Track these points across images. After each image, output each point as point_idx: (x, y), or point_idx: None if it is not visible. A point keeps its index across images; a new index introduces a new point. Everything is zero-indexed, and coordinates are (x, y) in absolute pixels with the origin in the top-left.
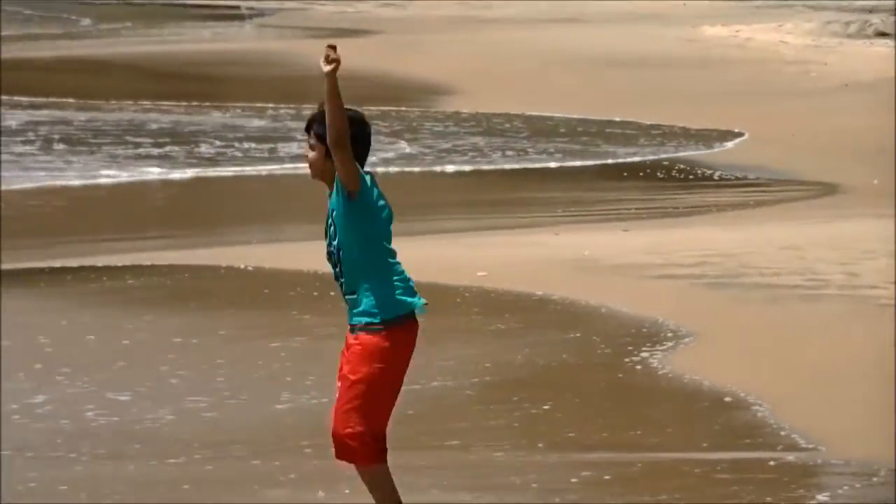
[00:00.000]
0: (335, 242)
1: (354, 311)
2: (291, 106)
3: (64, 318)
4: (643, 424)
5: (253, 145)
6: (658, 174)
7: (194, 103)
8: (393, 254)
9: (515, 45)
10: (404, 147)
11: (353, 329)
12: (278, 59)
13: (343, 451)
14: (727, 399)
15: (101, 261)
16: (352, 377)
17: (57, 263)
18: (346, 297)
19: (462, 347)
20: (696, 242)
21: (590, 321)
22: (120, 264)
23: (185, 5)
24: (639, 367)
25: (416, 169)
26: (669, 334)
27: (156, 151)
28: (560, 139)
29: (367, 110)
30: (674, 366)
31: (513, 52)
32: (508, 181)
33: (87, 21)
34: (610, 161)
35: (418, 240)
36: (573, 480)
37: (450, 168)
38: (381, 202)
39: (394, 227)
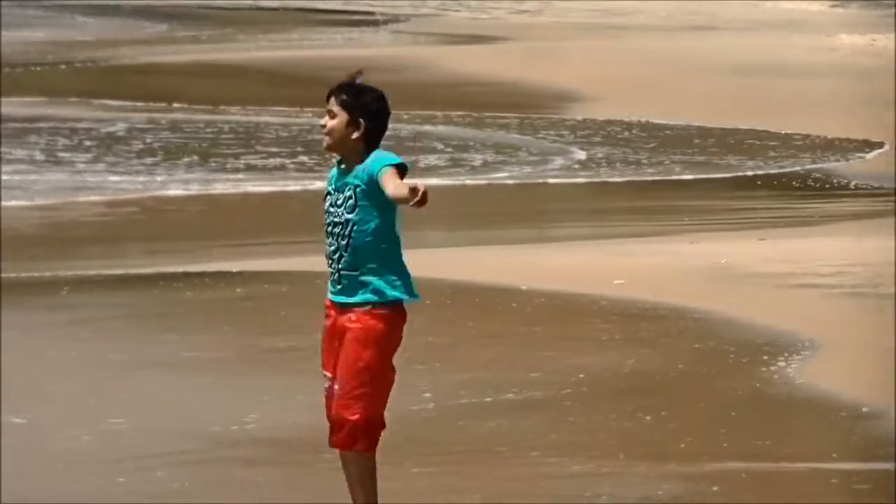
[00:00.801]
0: (349, 216)
1: (356, 290)
2: (425, 112)
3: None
4: (778, 434)
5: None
6: (794, 183)
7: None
8: (401, 243)
9: (647, 52)
10: (535, 155)
11: (347, 307)
12: (412, 64)
13: (346, 438)
14: (864, 409)
15: (237, 266)
16: (359, 363)
17: (194, 268)
18: (343, 272)
19: (596, 355)
20: (832, 252)
21: (725, 330)
22: (263, 269)
23: (318, 10)
24: (775, 376)
25: (553, 179)
26: (805, 344)
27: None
28: (693, 147)
29: (496, 117)
30: (809, 376)
31: (644, 60)
32: (643, 189)
33: (218, 25)
34: (745, 171)
35: (555, 247)
36: (714, 489)
37: (581, 177)
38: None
39: (533, 233)
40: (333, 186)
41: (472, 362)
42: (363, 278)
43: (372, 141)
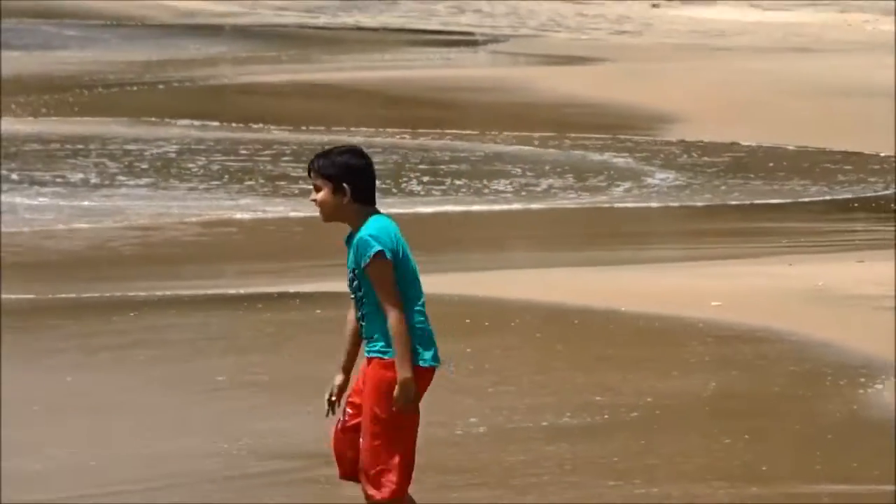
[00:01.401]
0: (358, 293)
1: (371, 346)
2: (523, 133)
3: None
4: (874, 458)
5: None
6: (892, 206)
7: (422, 130)
8: (415, 302)
9: (747, 73)
10: (625, 177)
11: (368, 355)
12: (508, 85)
13: (374, 486)
14: None
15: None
16: (376, 410)
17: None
18: (364, 337)
19: (692, 377)
20: None
21: (822, 353)
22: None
23: (418, 31)
24: (872, 399)
25: (652, 203)
26: None
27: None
28: (789, 168)
29: (592, 139)
30: None
31: (743, 81)
32: (738, 211)
33: (318, 45)
34: (841, 193)
35: (651, 268)
36: None
37: (675, 199)
38: (405, 261)
39: (632, 254)
40: (348, 266)
41: (564, 384)
42: (377, 343)
43: (363, 198)
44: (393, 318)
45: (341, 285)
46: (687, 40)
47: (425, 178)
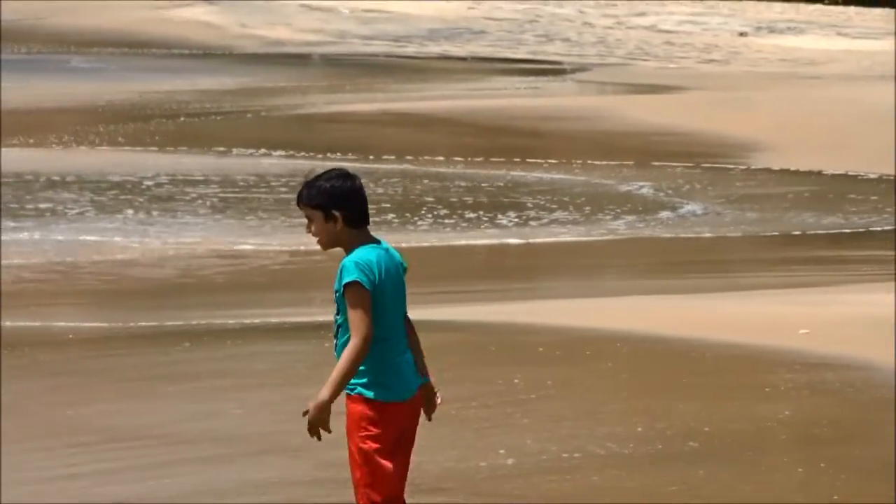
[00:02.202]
0: (337, 317)
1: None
2: (611, 162)
3: None
4: None
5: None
6: None
7: (510, 159)
8: (391, 340)
9: (836, 102)
10: (712, 205)
11: (345, 390)
12: (594, 114)
13: None
14: None
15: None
16: (350, 447)
17: None
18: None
19: (779, 404)
20: None
21: None
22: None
23: (506, 59)
24: None
25: (737, 232)
26: None
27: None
28: (878, 196)
29: (678, 167)
30: None
31: (831, 110)
32: (824, 239)
33: (406, 74)
34: None
35: (740, 296)
36: None
37: (758, 227)
38: (383, 290)
39: (721, 281)
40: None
41: (652, 413)
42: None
43: (356, 221)
44: (352, 343)
45: (430, 312)
46: (775, 69)
47: (513, 208)
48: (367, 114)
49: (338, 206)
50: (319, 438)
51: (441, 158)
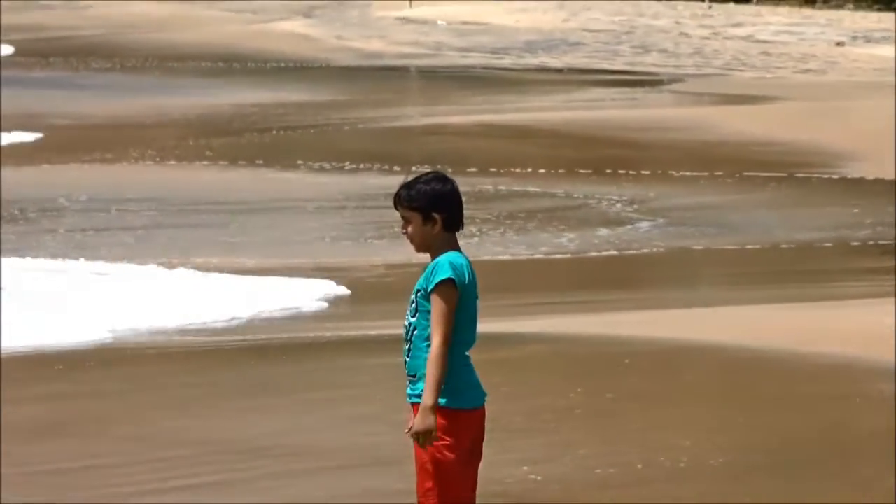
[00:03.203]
0: (412, 320)
1: (412, 391)
2: (707, 173)
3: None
4: None
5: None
6: None
7: (609, 170)
8: (464, 346)
9: None
10: (803, 213)
11: (410, 400)
12: (690, 125)
13: None
14: None
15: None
16: (421, 456)
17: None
18: (408, 375)
19: (868, 415)
20: None
21: None
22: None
23: (604, 71)
24: None
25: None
26: None
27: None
28: None
29: (764, 176)
30: None
31: None
32: None
33: (503, 86)
34: None
35: (831, 306)
36: None
37: (851, 238)
38: (468, 303)
39: (814, 291)
40: (414, 290)
41: (739, 425)
42: (419, 385)
43: (453, 225)
44: (436, 343)
45: (517, 325)
46: (871, 78)
47: (603, 219)
48: (464, 126)
49: (437, 208)
50: (432, 445)
51: (540, 170)
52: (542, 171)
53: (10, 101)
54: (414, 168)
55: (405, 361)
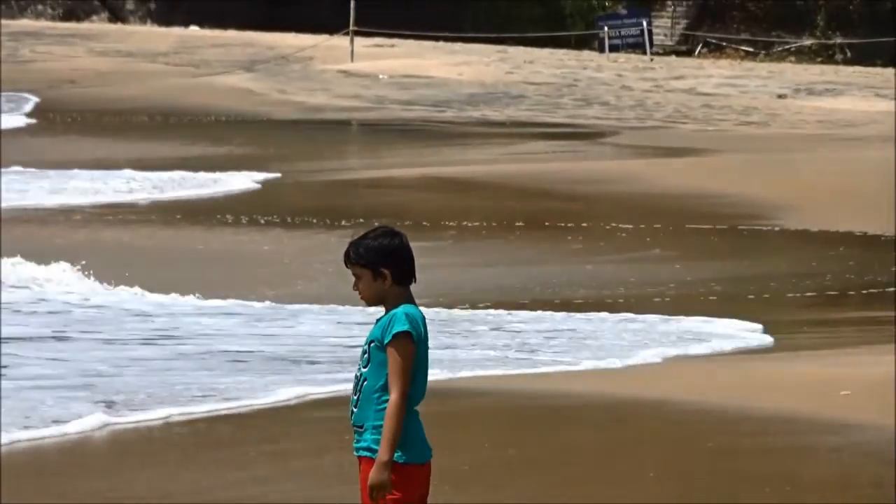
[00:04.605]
0: (364, 370)
1: (358, 442)
2: (644, 225)
3: None
4: None
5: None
6: None
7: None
8: (416, 401)
9: (873, 163)
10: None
11: (357, 454)
12: (625, 177)
13: None
14: None
15: None
16: None
17: None
18: (354, 426)
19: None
20: None
21: None
22: None
23: (545, 124)
24: None
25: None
26: None
27: None
28: None
29: (709, 228)
30: None
31: (868, 171)
32: (863, 299)
33: (443, 139)
34: None
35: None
36: None
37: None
38: (423, 358)
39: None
40: (367, 340)
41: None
42: (365, 435)
43: (403, 279)
44: (394, 398)
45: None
46: (814, 130)
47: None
48: (406, 179)
49: (386, 263)
50: (384, 499)
51: (478, 224)
52: (478, 223)
53: None
54: (358, 221)
55: (352, 412)
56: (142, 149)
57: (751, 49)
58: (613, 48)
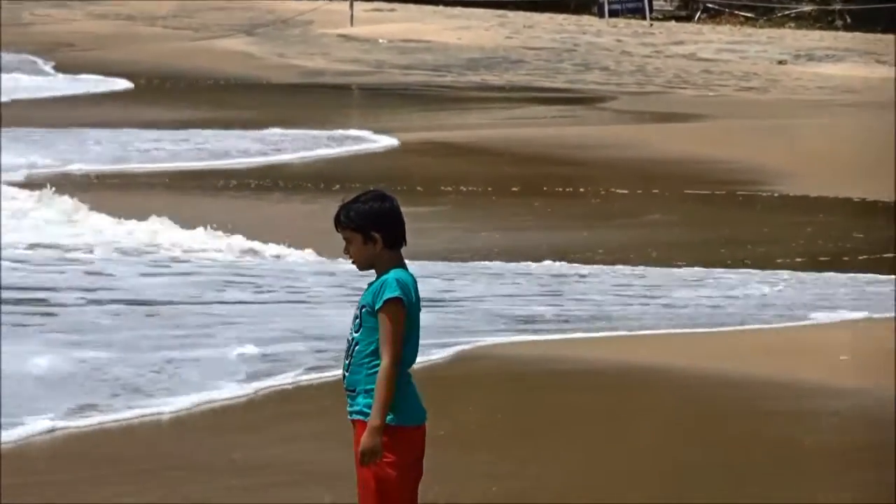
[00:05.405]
0: (356, 335)
1: (351, 406)
2: (644, 190)
3: None
4: None
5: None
6: None
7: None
8: (407, 364)
9: (871, 130)
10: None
11: (350, 417)
12: (625, 142)
13: None
14: None
15: None
16: (363, 474)
17: None
18: (346, 389)
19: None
20: None
21: None
22: None
23: (544, 88)
24: None
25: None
26: None
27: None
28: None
29: (709, 194)
30: None
31: (867, 138)
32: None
33: (445, 103)
34: None
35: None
36: None
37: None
38: (415, 322)
39: None
40: (358, 306)
41: None
42: (358, 399)
43: (394, 242)
44: (385, 363)
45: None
46: (814, 96)
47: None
48: (406, 143)
49: (376, 227)
50: (376, 464)
51: (477, 188)
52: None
53: None
54: (353, 186)
55: (344, 376)
56: (137, 112)
57: (750, 14)
58: (613, 13)
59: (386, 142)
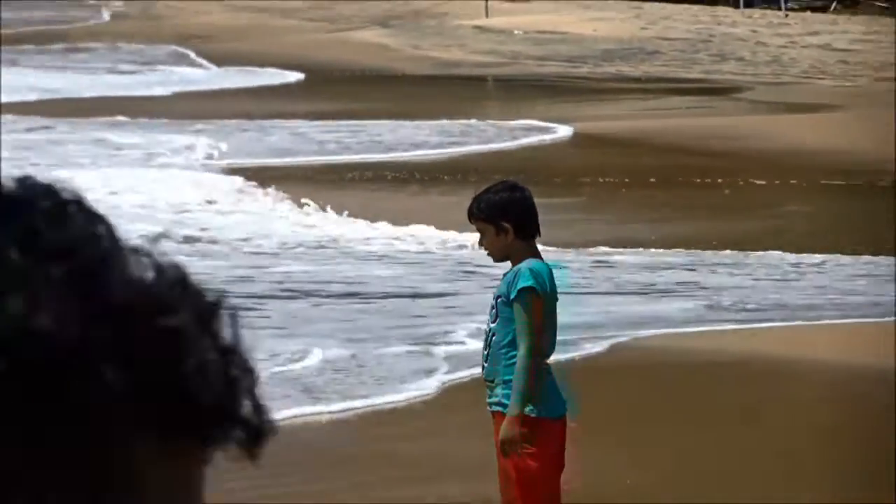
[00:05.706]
0: (492, 325)
1: (490, 397)
2: (778, 181)
3: None
4: None
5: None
6: None
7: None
8: (547, 348)
9: None
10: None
11: (490, 408)
12: (756, 133)
13: None
14: None
15: None
16: (505, 465)
17: None
18: (485, 380)
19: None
20: None
21: None
22: None
23: (679, 79)
24: None
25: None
26: None
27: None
28: None
29: (843, 185)
30: None
31: None
32: None
33: (576, 95)
34: None
35: None
36: None
37: None
38: (551, 312)
39: None
40: (495, 296)
41: None
42: (496, 390)
43: (527, 233)
44: (522, 353)
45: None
46: None
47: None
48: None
49: (507, 217)
50: (517, 454)
51: (615, 179)
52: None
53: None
54: (496, 176)
55: (483, 366)
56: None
57: (886, 5)
58: (748, 4)
59: (564, 131)
